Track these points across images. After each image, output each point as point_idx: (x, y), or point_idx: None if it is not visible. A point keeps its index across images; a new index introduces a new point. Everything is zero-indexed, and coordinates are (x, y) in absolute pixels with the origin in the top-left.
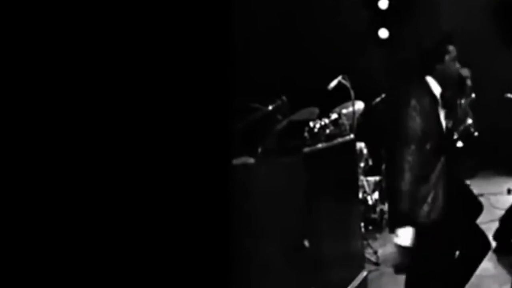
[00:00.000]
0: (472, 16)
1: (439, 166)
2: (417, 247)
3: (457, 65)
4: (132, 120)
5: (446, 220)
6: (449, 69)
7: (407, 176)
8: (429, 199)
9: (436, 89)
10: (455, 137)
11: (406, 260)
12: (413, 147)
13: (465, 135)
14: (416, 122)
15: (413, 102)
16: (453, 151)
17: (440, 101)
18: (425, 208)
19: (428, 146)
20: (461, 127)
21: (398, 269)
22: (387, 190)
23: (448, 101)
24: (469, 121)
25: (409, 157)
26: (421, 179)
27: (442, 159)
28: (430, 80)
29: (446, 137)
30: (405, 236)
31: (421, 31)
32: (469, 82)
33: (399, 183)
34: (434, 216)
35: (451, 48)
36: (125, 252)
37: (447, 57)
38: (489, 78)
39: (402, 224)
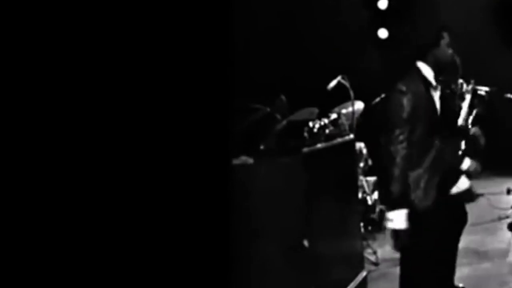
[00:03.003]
0: (472, 16)
1: (433, 151)
2: (411, 234)
3: (450, 51)
4: (132, 119)
5: (441, 207)
6: (444, 53)
7: (397, 160)
8: (422, 184)
9: (429, 73)
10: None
11: (404, 241)
12: (398, 131)
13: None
14: (403, 107)
15: (402, 87)
16: (451, 136)
17: (434, 84)
18: (418, 193)
19: (419, 130)
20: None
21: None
22: (378, 176)
23: (444, 84)
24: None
25: (398, 141)
26: (413, 163)
27: (437, 143)
28: (421, 65)
29: (440, 121)
30: (398, 219)
31: (421, 31)
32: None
33: (390, 168)
34: (427, 202)
35: (445, 33)
36: (125, 252)
37: (442, 42)
38: (489, 78)
39: (394, 208)
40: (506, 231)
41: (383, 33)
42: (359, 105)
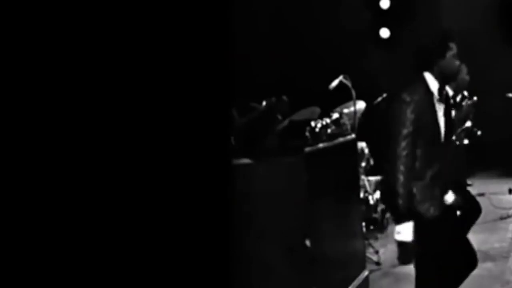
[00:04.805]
0: (473, 15)
1: (436, 162)
2: (421, 242)
3: (457, 62)
4: (132, 120)
5: (448, 215)
6: (450, 65)
7: (402, 175)
8: (429, 195)
9: (434, 85)
10: (453, 137)
11: (409, 254)
12: (404, 144)
13: (465, 137)
14: (407, 117)
15: (407, 98)
16: (453, 148)
17: (438, 96)
18: (426, 205)
19: (423, 141)
20: (459, 130)
21: (403, 262)
22: (384, 187)
23: (448, 97)
24: (468, 123)
25: (402, 155)
26: (417, 175)
27: (439, 156)
28: (427, 76)
29: (444, 133)
30: (405, 231)
31: (422, 31)
32: (466, 77)
33: (395, 183)
34: (434, 212)
35: (452, 44)
36: (125, 252)
37: (448, 53)
38: (489, 78)
39: (402, 221)
40: (508, 230)
41: (385, 32)
42: (360, 105)
